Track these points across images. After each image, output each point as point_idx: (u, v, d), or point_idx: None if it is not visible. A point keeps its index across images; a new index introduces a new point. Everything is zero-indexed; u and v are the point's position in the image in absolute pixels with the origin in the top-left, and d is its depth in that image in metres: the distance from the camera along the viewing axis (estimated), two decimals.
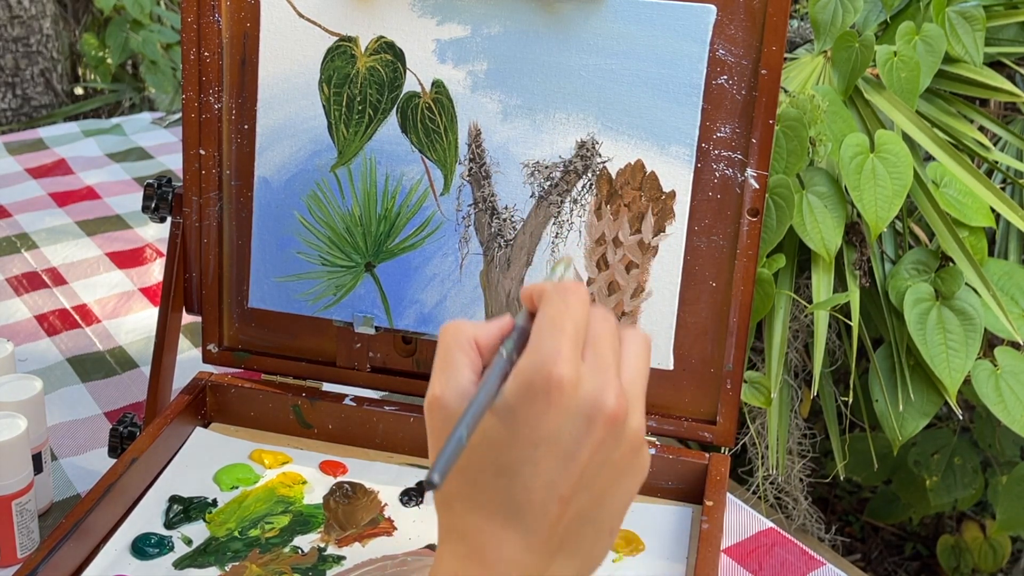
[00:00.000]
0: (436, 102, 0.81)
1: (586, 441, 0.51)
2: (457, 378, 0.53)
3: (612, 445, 0.52)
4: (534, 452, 0.51)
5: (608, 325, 0.54)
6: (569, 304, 0.53)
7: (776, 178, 1.11)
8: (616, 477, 0.53)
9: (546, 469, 0.51)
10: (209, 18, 0.84)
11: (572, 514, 0.52)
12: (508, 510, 0.52)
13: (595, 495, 0.53)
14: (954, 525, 1.80)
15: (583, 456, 0.51)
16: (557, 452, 0.51)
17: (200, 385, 0.89)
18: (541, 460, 0.51)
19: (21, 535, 0.81)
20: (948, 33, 1.25)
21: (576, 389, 0.51)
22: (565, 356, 0.51)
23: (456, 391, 0.52)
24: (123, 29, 2.80)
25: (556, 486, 0.51)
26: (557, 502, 0.51)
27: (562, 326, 0.52)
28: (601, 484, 0.53)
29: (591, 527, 0.53)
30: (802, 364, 1.37)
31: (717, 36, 0.77)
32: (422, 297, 0.84)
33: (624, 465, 0.53)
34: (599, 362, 0.52)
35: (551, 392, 0.51)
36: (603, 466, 0.52)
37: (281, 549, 0.77)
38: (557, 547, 0.52)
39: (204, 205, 0.87)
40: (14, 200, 1.47)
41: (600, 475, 0.52)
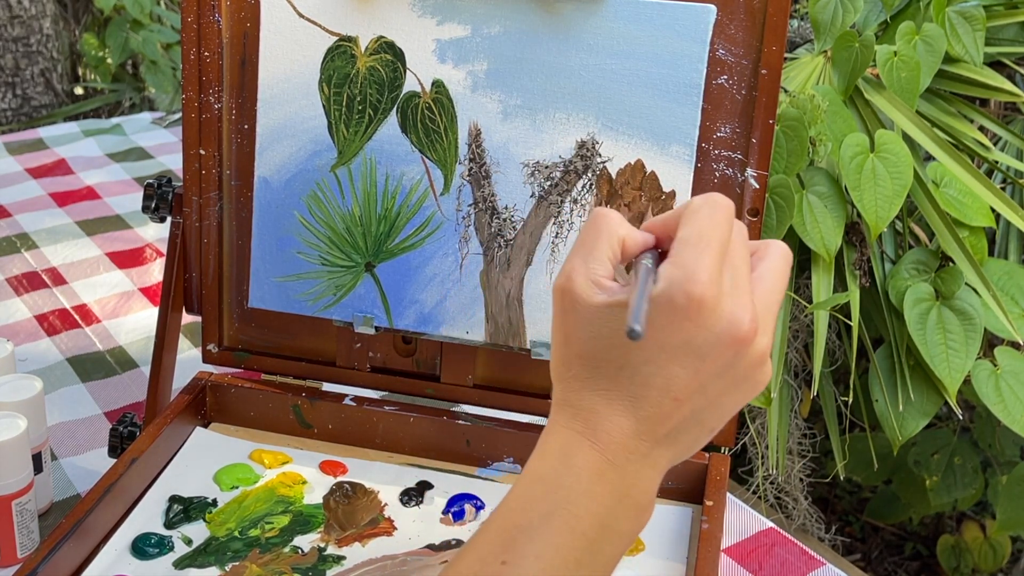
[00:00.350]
0: (436, 102, 0.81)
1: (713, 357, 0.54)
2: (596, 267, 0.55)
3: (735, 361, 0.54)
4: (659, 355, 0.54)
5: (743, 240, 0.56)
6: (718, 219, 0.55)
7: (776, 178, 1.11)
8: (733, 386, 0.55)
9: (668, 373, 0.54)
10: (209, 18, 0.84)
11: (684, 413, 0.55)
12: (625, 399, 0.55)
13: (709, 399, 0.55)
14: (954, 525, 1.80)
15: (707, 369, 0.54)
16: (683, 361, 0.54)
17: (200, 385, 0.89)
18: (665, 364, 0.54)
19: (21, 535, 0.81)
20: (948, 33, 1.25)
21: (715, 310, 0.53)
22: (710, 275, 0.53)
23: (591, 278, 0.55)
24: (123, 29, 2.80)
25: (673, 388, 0.54)
26: (672, 401, 0.54)
27: (710, 242, 0.54)
28: (717, 391, 0.55)
29: (697, 425, 0.56)
30: (802, 364, 1.37)
31: (717, 36, 0.77)
32: (422, 297, 0.84)
33: (743, 378, 0.55)
34: (737, 281, 0.54)
35: (691, 308, 0.53)
36: (723, 377, 0.55)
37: (281, 549, 0.77)
38: (663, 436, 0.55)
39: (204, 205, 0.87)
40: (14, 200, 1.47)
41: (717, 384, 0.55)
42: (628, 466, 0.55)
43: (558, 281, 0.56)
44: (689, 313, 0.53)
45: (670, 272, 0.53)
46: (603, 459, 0.55)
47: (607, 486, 0.55)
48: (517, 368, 0.86)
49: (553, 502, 0.54)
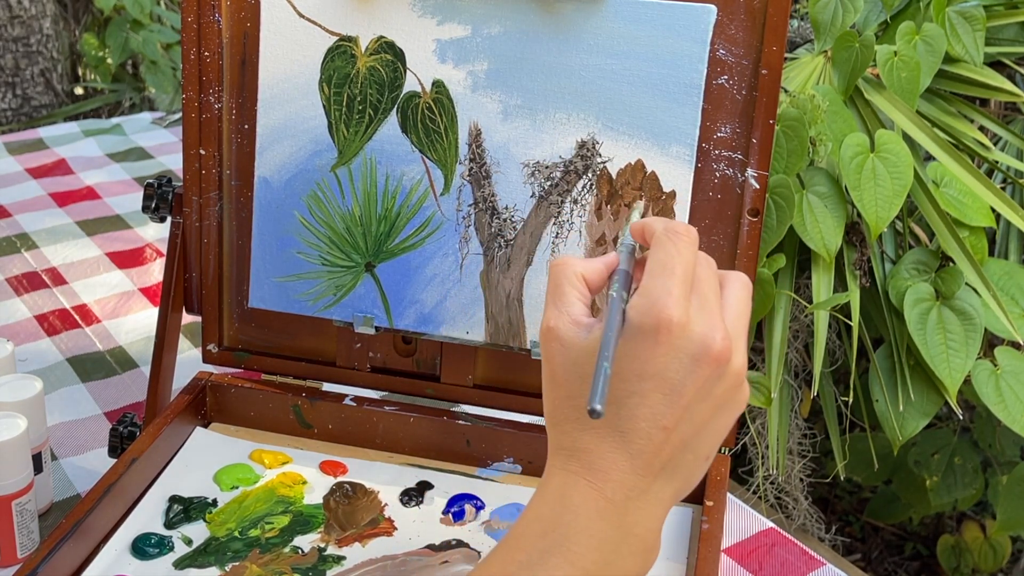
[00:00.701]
0: (436, 102, 0.81)
1: (692, 379, 0.55)
2: (569, 309, 0.57)
3: (715, 383, 0.56)
4: (642, 385, 0.55)
5: (711, 269, 0.58)
6: (679, 248, 0.57)
7: (776, 178, 1.11)
8: (717, 410, 0.57)
9: (652, 402, 0.55)
10: (209, 18, 0.84)
11: (675, 442, 0.56)
12: (615, 435, 0.56)
13: (696, 426, 0.56)
14: (954, 525, 1.80)
15: (688, 392, 0.55)
16: (663, 387, 0.55)
17: (200, 385, 0.89)
18: (648, 393, 0.55)
19: (21, 535, 0.81)
20: (948, 33, 1.25)
21: (685, 330, 0.55)
22: (676, 299, 0.55)
23: (568, 321, 0.57)
24: (123, 29, 2.80)
25: (660, 417, 0.55)
26: (661, 431, 0.55)
27: (672, 269, 0.56)
28: (702, 416, 0.56)
29: (691, 454, 0.57)
30: (802, 364, 1.37)
31: (717, 36, 0.77)
32: (422, 297, 0.84)
33: (725, 399, 0.57)
34: (705, 304, 0.56)
35: (660, 332, 0.54)
36: (705, 401, 0.56)
37: (281, 549, 0.77)
38: (660, 470, 0.56)
39: (204, 205, 0.87)
40: (14, 200, 1.47)
41: (702, 409, 0.56)
42: (628, 503, 0.55)
43: (541, 330, 0.58)
44: (660, 337, 0.54)
45: (637, 303, 0.55)
46: (602, 497, 0.55)
47: (607, 523, 0.55)
48: (517, 368, 0.86)
49: (552, 540, 0.55)
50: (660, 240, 0.57)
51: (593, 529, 0.55)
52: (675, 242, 0.57)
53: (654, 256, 0.57)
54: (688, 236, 0.57)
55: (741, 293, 0.59)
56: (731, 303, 0.58)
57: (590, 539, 0.55)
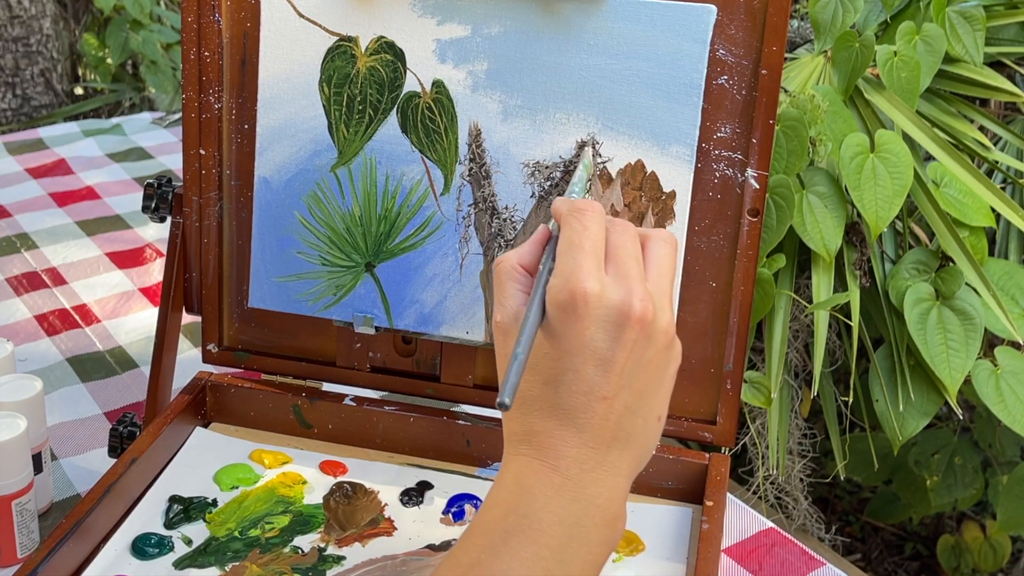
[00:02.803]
0: (436, 102, 0.81)
1: (619, 345, 0.56)
2: (509, 303, 0.59)
3: (644, 345, 0.57)
4: (573, 360, 0.56)
5: (628, 235, 0.59)
6: (585, 223, 0.58)
7: (776, 178, 1.11)
8: (654, 371, 0.58)
9: (586, 375, 0.56)
10: (209, 18, 0.84)
11: (619, 409, 0.57)
12: (559, 413, 0.57)
13: (636, 390, 0.57)
14: (954, 525, 1.80)
15: (619, 359, 0.56)
16: (594, 359, 0.56)
17: (200, 385, 0.89)
18: (580, 367, 0.56)
19: (21, 535, 0.81)
20: (948, 33, 1.25)
21: (601, 299, 0.56)
22: (587, 271, 0.56)
23: (510, 314, 0.59)
24: (123, 29, 2.80)
25: (597, 388, 0.56)
26: (601, 401, 0.56)
27: (580, 244, 0.57)
28: (640, 380, 0.57)
29: (639, 418, 0.58)
30: (802, 364, 1.37)
31: (717, 36, 0.77)
32: (422, 297, 0.84)
33: (659, 360, 0.58)
34: (621, 271, 0.57)
35: (578, 306, 0.56)
36: (639, 364, 0.57)
37: (281, 549, 0.77)
38: (611, 439, 0.57)
39: (204, 205, 0.87)
40: (14, 200, 1.47)
41: (637, 372, 0.57)
42: (584, 476, 0.56)
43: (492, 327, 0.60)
44: (579, 310, 0.56)
45: (552, 284, 0.57)
46: (556, 473, 0.56)
47: (565, 498, 0.56)
48: None
49: (512, 521, 0.56)
50: (566, 219, 0.59)
51: (552, 505, 0.55)
52: (579, 218, 0.58)
53: (562, 236, 0.59)
54: (592, 209, 0.59)
55: (663, 250, 0.60)
56: (653, 262, 0.59)
57: (550, 515, 0.55)
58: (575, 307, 0.56)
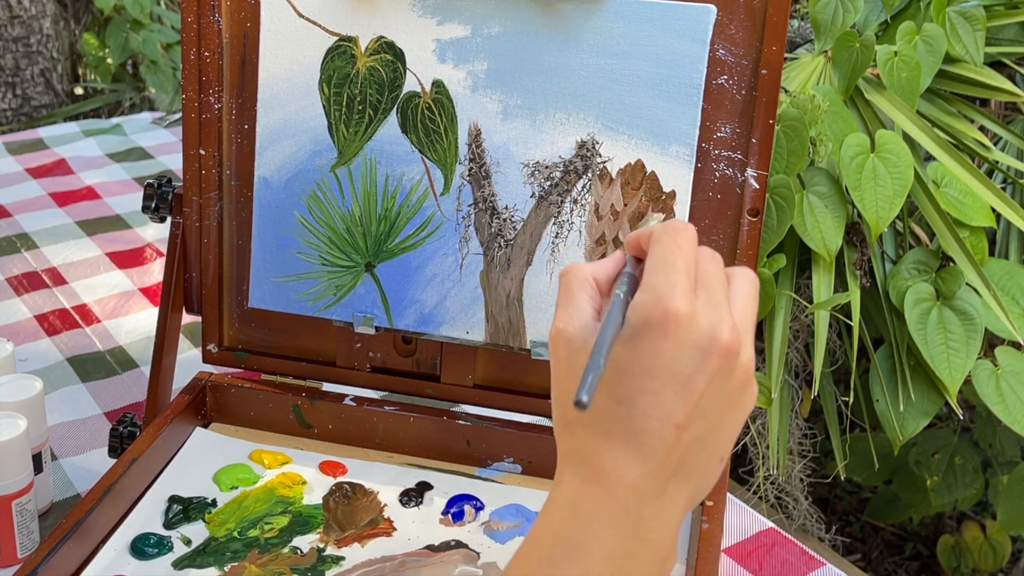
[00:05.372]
0: (436, 102, 0.81)
1: (702, 372, 0.53)
2: (579, 313, 0.56)
3: (726, 376, 0.54)
4: (652, 382, 0.53)
5: (716, 264, 0.57)
6: (680, 243, 0.56)
7: (776, 178, 1.11)
8: (728, 407, 0.55)
9: (664, 398, 0.53)
10: (209, 18, 0.84)
11: (688, 441, 0.54)
12: (627, 436, 0.54)
13: (709, 424, 0.55)
14: (954, 525, 1.80)
15: (699, 386, 0.53)
16: (674, 382, 0.53)
17: (200, 385, 0.89)
18: (659, 390, 0.53)
19: (21, 535, 0.81)
20: (948, 33, 1.25)
21: (692, 322, 0.53)
22: (681, 291, 0.54)
23: (579, 324, 0.55)
24: (123, 29, 2.80)
25: (673, 414, 0.53)
26: (673, 429, 0.53)
27: (675, 263, 0.55)
28: (714, 413, 0.55)
29: (704, 454, 0.55)
30: (802, 364, 1.37)
31: (717, 36, 0.77)
32: (422, 297, 0.84)
33: (735, 396, 0.55)
34: (711, 298, 0.55)
35: (668, 325, 0.53)
36: (716, 396, 0.54)
37: (280, 549, 0.77)
38: (673, 472, 0.54)
39: (204, 205, 0.87)
40: (14, 200, 1.47)
41: (714, 405, 0.54)
42: (643, 508, 0.53)
43: (551, 333, 0.56)
44: (668, 330, 0.53)
45: (641, 299, 0.54)
46: (615, 502, 0.53)
47: (621, 530, 0.53)
48: (517, 368, 0.86)
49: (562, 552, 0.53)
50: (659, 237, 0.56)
51: (605, 538, 0.53)
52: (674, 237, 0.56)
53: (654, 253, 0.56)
54: (687, 231, 0.57)
55: (748, 289, 0.58)
56: (738, 298, 0.57)
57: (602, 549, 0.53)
58: (665, 326, 0.53)
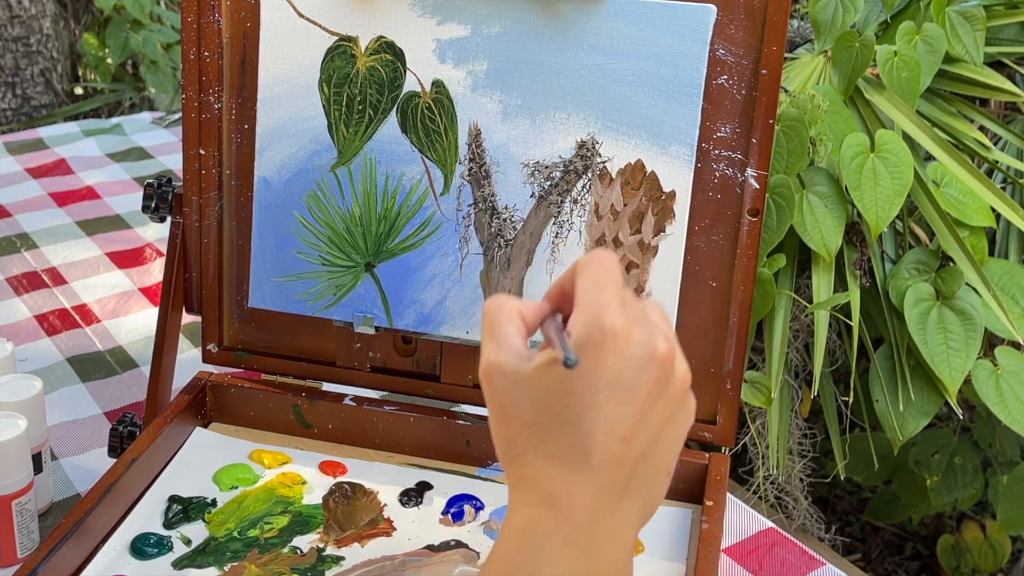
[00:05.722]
0: (436, 102, 0.81)
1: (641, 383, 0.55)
2: (508, 343, 0.57)
3: (663, 387, 0.56)
4: (595, 397, 0.54)
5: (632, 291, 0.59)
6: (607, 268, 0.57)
7: (776, 178, 1.11)
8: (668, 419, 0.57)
9: (607, 412, 0.54)
10: (209, 18, 0.84)
11: (635, 453, 0.55)
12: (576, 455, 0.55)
13: (652, 436, 0.56)
14: (954, 525, 1.80)
15: (640, 397, 0.55)
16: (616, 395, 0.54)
17: (200, 385, 0.89)
18: (602, 404, 0.54)
19: (21, 535, 0.81)
20: (948, 33, 1.25)
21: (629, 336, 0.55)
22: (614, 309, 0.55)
23: (510, 353, 0.56)
24: (123, 29, 2.80)
25: (617, 427, 0.54)
26: (620, 442, 0.54)
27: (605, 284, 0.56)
28: (656, 425, 0.56)
29: (651, 468, 0.56)
30: (802, 364, 1.37)
31: (717, 36, 0.77)
32: (422, 297, 0.84)
33: (675, 407, 0.57)
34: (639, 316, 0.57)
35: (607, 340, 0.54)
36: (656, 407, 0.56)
37: (280, 549, 0.77)
38: (623, 486, 0.55)
39: (204, 205, 0.87)
40: (14, 200, 1.47)
41: (655, 415, 0.56)
42: (596, 526, 0.54)
43: (481, 368, 0.57)
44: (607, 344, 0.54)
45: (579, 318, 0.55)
46: (568, 523, 0.54)
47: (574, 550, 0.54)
48: None
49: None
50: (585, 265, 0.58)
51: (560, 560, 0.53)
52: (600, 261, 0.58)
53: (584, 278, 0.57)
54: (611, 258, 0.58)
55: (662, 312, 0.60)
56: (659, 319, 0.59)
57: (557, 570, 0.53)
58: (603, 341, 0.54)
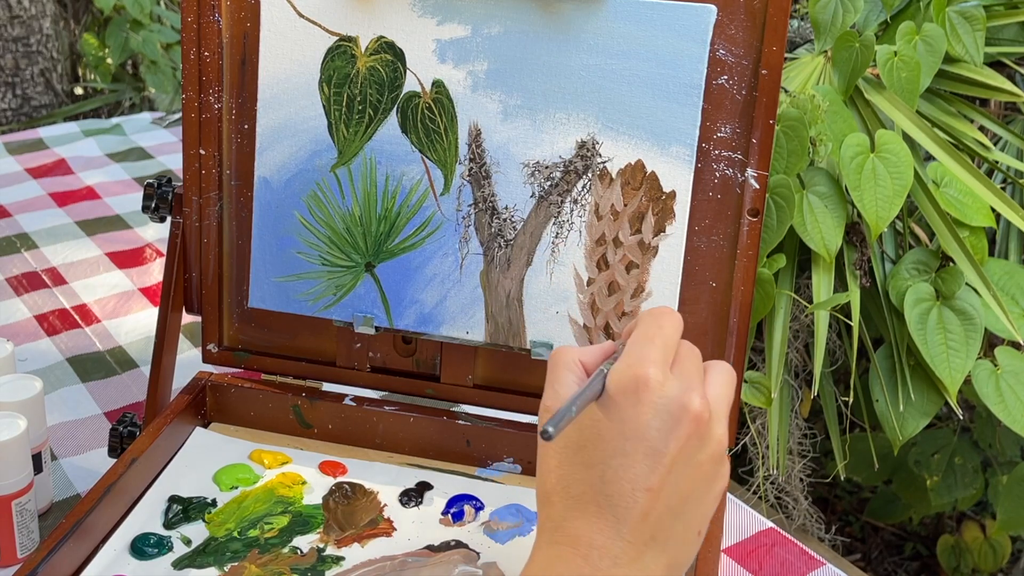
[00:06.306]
0: (436, 102, 0.81)
1: (672, 438, 0.55)
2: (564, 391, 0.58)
3: (697, 446, 0.56)
4: (624, 445, 0.55)
5: (694, 352, 0.60)
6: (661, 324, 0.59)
7: (776, 178, 1.11)
8: (701, 480, 0.57)
9: (634, 461, 0.55)
10: (209, 18, 0.84)
11: (661, 507, 0.55)
12: (599, 499, 0.55)
13: (682, 494, 0.56)
14: (954, 525, 1.80)
15: (670, 452, 0.55)
16: (645, 447, 0.55)
17: (200, 385, 0.89)
18: (631, 453, 0.55)
19: (21, 535, 0.81)
20: (948, 33, 1.25)
21: (663, 388, 0.56)
22: (654, 360, 0.56)
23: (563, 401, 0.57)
24: (123, 29, 2.80)
25: (644, 478, 0.55)
26: (645, 493, 0.55)
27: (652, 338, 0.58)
28: (687, 484, 0.56)
29: (680, 524, 0.56)
30: (802, 364, 1.37)
31: (717, 36, 0.77)
32: (422, 297, 0.84)
33: (709, 469, 0.57)
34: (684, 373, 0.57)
35: (639, 390, 0.55)
36: (688, 465, 0.56)
37: (280, 549, 0.77)
38: (648, 538, 0.55)
39: (204, 205, 0.87)
40: (14, 200, 1.47)
41: (686, 475, 0.56)
42: (615, 572, 0.54)
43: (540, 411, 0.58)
44: (639, 395, 0.55)
45: (616, 367, 0.57)
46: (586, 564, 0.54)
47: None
48: (517, 368, 0.86)
49: None
50: (643, 318, 0.60)
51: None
52: (657, 318, 0.59)
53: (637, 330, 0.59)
54: (671, 316, 0.60)
55: (725, 376, 0.60)
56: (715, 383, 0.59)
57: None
58: (636, 391, 0.55)
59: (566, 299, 0.82)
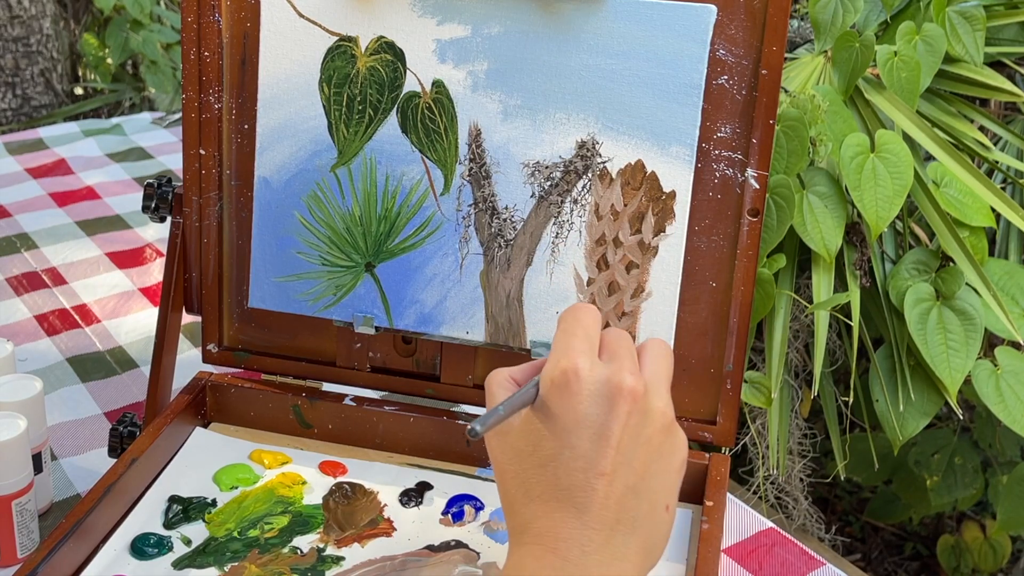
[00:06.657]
0: (436, 102, 0.81)
1: (612, 419, 0.56)
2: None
3: (640, 422, 0.57)
4: (569, 437, 0.56)
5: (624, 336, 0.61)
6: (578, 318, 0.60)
7: (776, 178, 1.11)
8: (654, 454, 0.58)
9: (583, 451, 0.56)
10: (209, 18, 0.84)
11: (619, 489, 0.56)
12: (557, 494, 0.56)
13: (637, 471, 0.57)
14: (954, 525, 1.80)
15: (614, 433, 0.56)
16: (589, 434, 0.56)
17: (200, 385, 0.89)
18: (576, 443, 0.56)
19: (21, 535, 0.81)
20: (948, 33, 1.25)
21: (592, 373, 0.57)
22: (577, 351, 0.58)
23: None
24: (123, 29, 2.80)
25: (595, 464, 0.56)
26: (599, 477, 0.56)
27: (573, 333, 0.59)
28: (640, 461, 0.57)
29: (644, 502, 0.57)
30: (802, 364, 1.37)
31: (717, 36, 0.77)
32: (422, 297, 0.84)
33: (659, 442, 0.58)
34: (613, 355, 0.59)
35: (571, 382, 0.57)
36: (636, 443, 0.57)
37: (280, 549, 0.77)
38: (614, 521, 0.56)
39: (204, 205, 0.87)
40: (14, 200, 1.47)
41: (636, 452, 0.57)
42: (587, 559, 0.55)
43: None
44: (570, 386, 0.56)
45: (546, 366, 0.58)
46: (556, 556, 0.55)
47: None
48: None
49: None
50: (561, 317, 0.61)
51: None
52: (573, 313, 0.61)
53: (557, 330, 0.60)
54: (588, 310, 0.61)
55: (660, 349, 0.61)
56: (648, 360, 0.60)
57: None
58: (567, 383, 0.57)
59: (566, 299, 0.82)
